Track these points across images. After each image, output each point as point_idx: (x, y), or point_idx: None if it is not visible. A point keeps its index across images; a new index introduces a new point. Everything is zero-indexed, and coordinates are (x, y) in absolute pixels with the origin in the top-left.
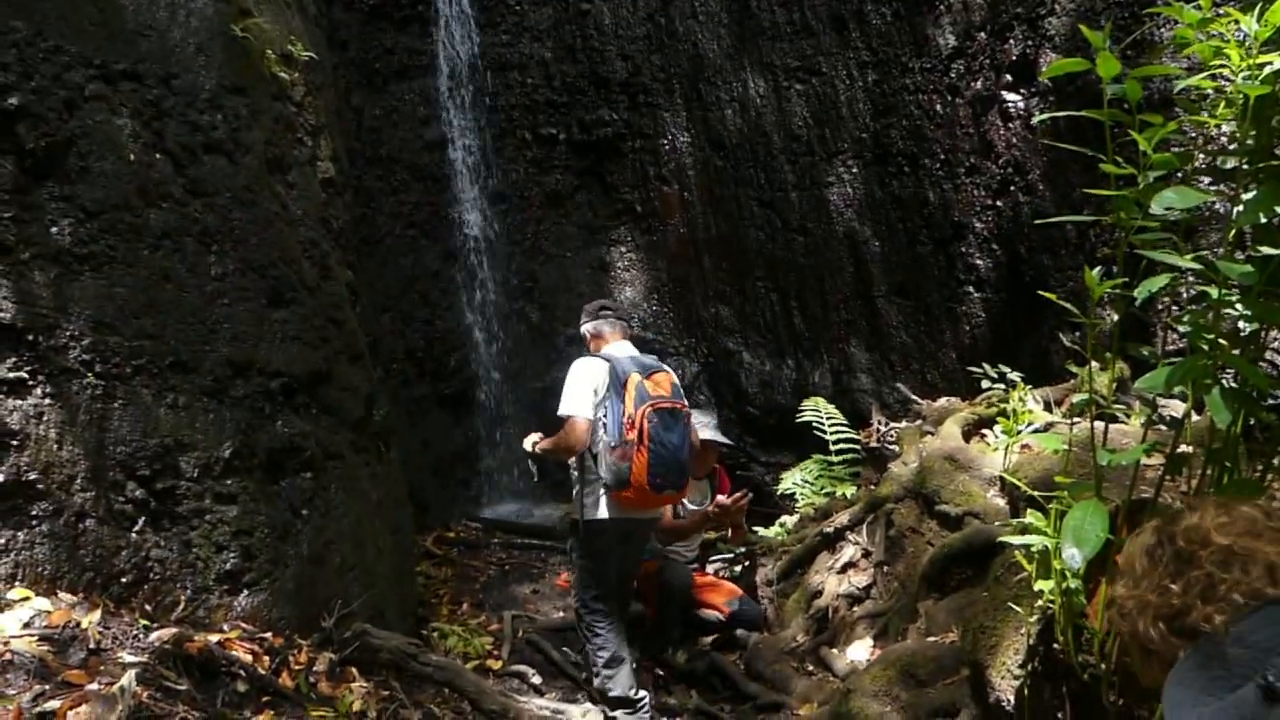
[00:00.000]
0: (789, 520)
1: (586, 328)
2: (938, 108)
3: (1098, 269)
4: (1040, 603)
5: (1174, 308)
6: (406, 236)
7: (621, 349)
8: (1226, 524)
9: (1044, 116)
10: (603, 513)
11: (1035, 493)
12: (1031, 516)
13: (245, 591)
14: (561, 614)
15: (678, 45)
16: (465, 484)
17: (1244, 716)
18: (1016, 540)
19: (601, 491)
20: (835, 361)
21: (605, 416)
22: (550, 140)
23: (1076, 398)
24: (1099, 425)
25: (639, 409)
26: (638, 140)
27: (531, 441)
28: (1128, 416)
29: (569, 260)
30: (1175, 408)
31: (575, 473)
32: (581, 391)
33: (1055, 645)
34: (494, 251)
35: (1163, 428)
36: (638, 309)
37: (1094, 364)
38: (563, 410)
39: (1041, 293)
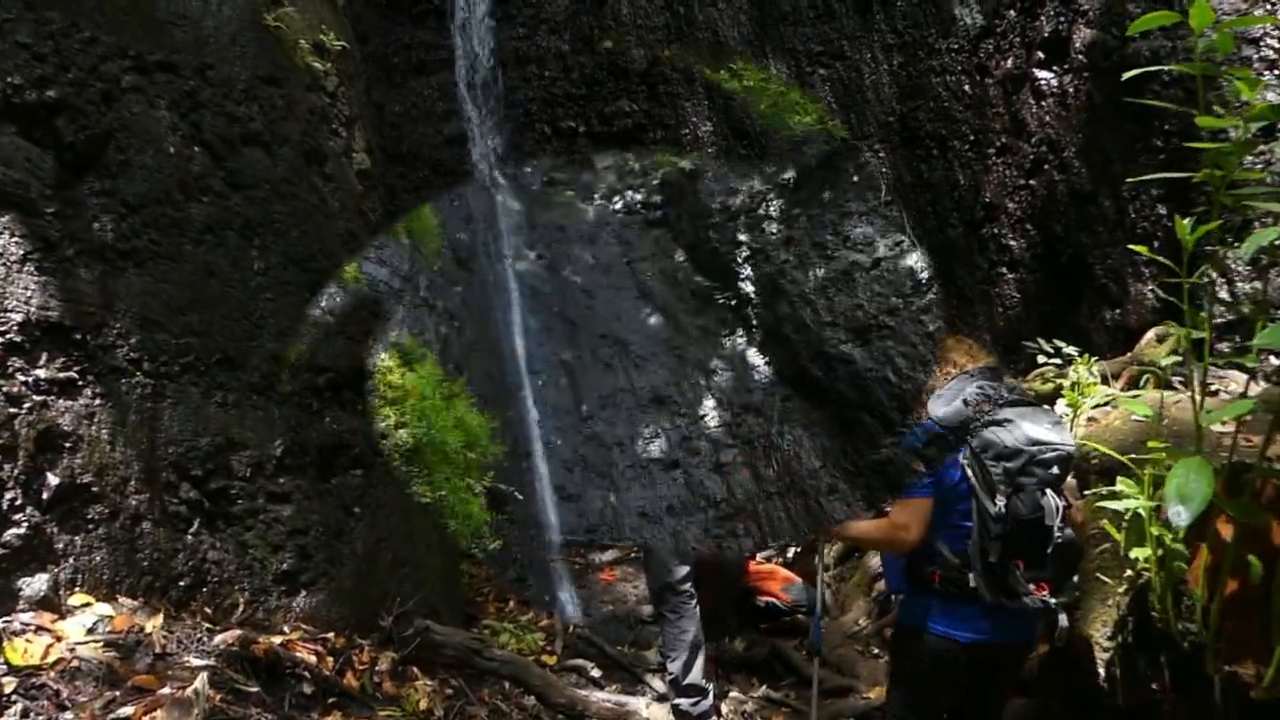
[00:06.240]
0: None
1: None
2: (966, 88)
3: (1188, 219)
4: (1130, 572)
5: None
6: None
7: None
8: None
9: (1133, 73)
10: None
11: (1121, 457)
12: (1122, 484)
13: (304, 592)
14: (610, 608)
15: (697, 33)
16: None
17: (957, 411)
18: (1111, 505)
19: None
20: None
21: None
22: (570, 133)
23: (1165, 359)
24: (1196, 387)
25: None
26: (658, 131)
27: None
28: (1185, 387)
29: None
30: (1234, 378)
31: None
32: None
33: (1153, 614)
34: None
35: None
36: None
37: (1178, 328)
38: None
39: (1132, 247)
